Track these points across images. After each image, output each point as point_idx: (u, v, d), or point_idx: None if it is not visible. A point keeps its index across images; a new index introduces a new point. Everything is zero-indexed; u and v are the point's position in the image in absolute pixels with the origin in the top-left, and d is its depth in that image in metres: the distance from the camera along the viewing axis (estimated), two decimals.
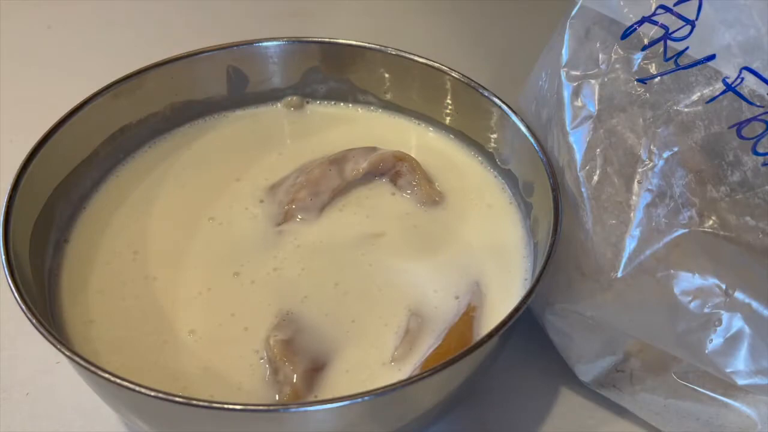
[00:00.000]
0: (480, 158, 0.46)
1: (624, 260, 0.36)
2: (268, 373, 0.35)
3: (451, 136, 0.47)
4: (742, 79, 0.35)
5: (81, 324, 0.37)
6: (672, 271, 0.35)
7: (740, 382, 0.34)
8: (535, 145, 0.40)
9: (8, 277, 0.33)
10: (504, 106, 0.43)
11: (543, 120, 0.42)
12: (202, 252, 0.41)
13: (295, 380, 0.34)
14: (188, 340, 0.37)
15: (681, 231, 0.35)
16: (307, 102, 0.49)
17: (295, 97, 0.49)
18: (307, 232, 0.42)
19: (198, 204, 0.43)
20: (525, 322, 0.36)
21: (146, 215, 0.42)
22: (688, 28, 0.36)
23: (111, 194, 0.43)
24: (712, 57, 0.35)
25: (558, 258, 0.36)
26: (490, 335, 0.32)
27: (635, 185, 0.37)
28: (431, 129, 0.48)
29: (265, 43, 0.47)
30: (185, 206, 0.43)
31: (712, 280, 0.35)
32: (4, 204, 0.36)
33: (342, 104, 0.49)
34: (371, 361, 0.36)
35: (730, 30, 0.35)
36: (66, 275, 0.39)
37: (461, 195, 0.44)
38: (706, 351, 0.35)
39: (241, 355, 0.36)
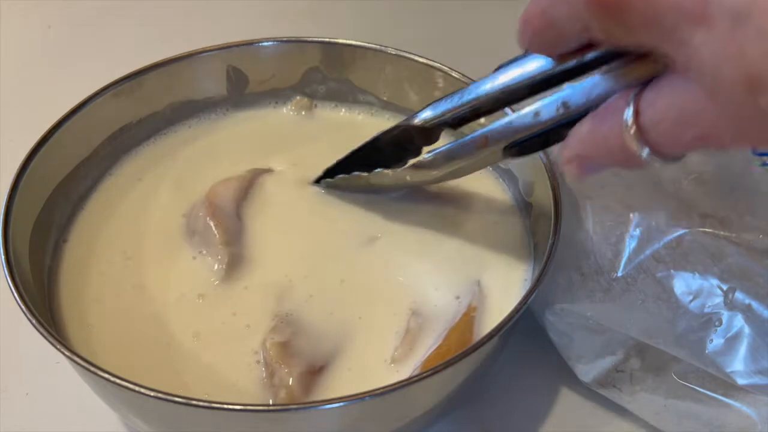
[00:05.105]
0: None
1: (624, 260, 0.36)
2: (264, 375, 0.35)
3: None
4: None
5: (79, 325, 0.37)
6: (672, 271, 0.35)
7: (740, 382, 0.34)
8: None
9: (8, 277, 0.33)
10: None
11: None
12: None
13: (290, 383, 0.34)
14: (191, 342, 0.37)
15: (681, 231, 0.35)
16: (316, 105, 0.49)
17: (305, 99, 0.49)
18: (304, 232, 0.42)
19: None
20: (525, 322, 0.36)
21: (145, 216, 0.42)
22: None
23: (110, 194, 0.43)
24: None
25: (558, 258, 0.36)
26: (490, 335, 0.32)
27: (635, 185, 0.37)
28: None
29: (265, 43, 0.47)
30: (184, 207, 0.43)
31: (712, 280, 0.35)
32: (4, 204, 0.36)
33: (344, 109, 0.49)
34: (371, 361, 0.36)
35: None
36: (65, 276, 0.39)
37: (461, 195, 0.44)
38: (706, 351, 0.35)
39: (241, 353, 0.36)
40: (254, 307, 0.38)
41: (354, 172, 0.41)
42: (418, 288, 0.39)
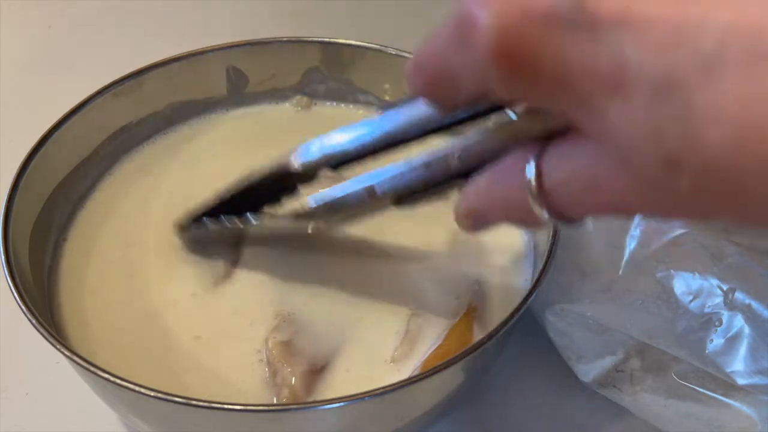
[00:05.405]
0: None
1: (624, 260, 0.36)
2: (267, 374, 0.35)
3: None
4: None
5: (79, 325, 0.37)
6: (672, 271, 0.35)
7: (740, 382, 0.34)
8: None
9: (8, 277, 0.33)
10: None
11: None
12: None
13: (293, 382, 0.34)
14: (192, 343, 0.37)
15: (681, 231, 0.35)
16: (315, 104, 0.49)
17: (305, 98, 0.49)
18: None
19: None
20: (525, 322, 0.36)
21: (145, 215, 0.42)
22: None
23: (110, 194, 0.43)
24: None
25: (558, 258, 0.36)
26: (490, 335, 0.32)
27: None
28: None
29: (265, 43, 0.47)
30: (184, 205, 0.43)
31: (712, 280, 0.35)
32: (4, 204, 0.36)
33: (344, 105, 0.49)
34: (371, 361, 0.36)
35: None
36: (64, 275, 0.39)
37: None
38: (706, 351, 0.35)
39: (244, 352, 0.36)
40: (255, 307, 0.38)
41: (222, 217, 0.37)
42: (418, 288, 0.39)
